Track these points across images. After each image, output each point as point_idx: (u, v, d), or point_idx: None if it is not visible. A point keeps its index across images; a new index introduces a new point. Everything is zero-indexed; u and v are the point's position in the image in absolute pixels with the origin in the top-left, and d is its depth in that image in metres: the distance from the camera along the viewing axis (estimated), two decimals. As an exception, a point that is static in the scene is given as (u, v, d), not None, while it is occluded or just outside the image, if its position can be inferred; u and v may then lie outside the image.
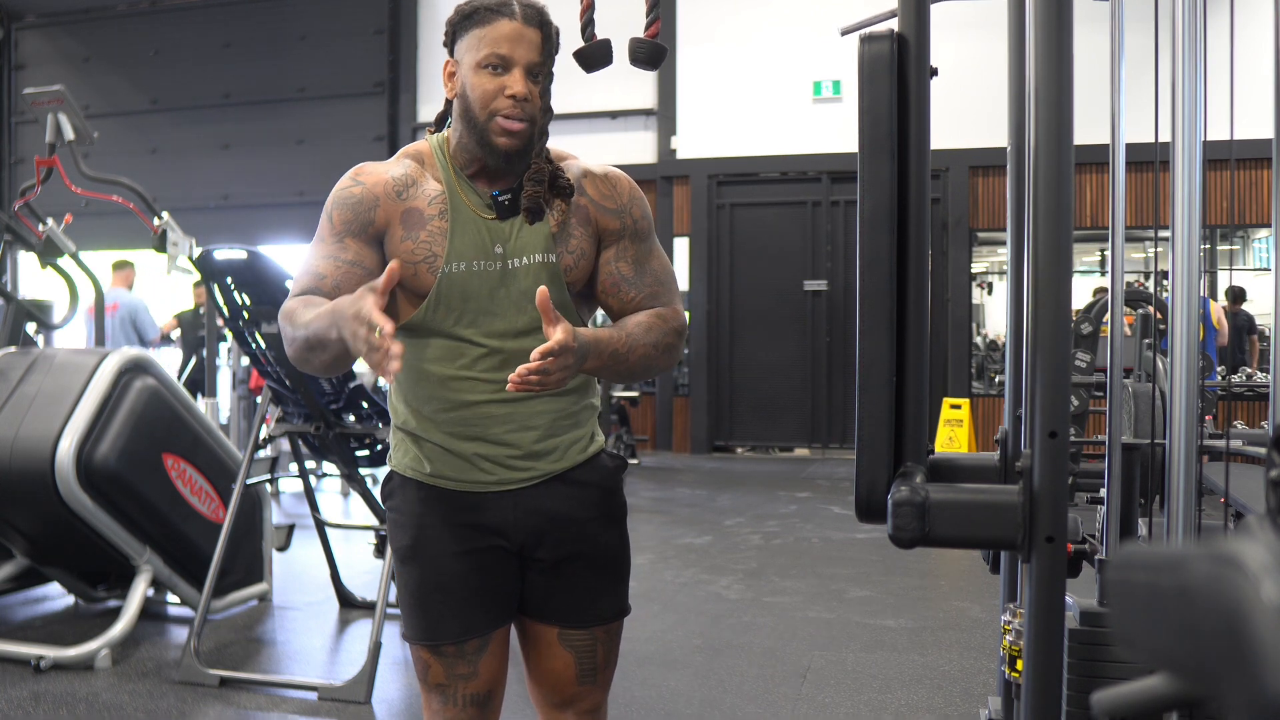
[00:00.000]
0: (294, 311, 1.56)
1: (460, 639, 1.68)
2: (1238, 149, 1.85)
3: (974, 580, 4.80)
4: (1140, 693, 0.67)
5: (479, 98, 1.57)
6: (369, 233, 1.62)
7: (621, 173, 1.73)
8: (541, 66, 1.59)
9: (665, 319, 1.67)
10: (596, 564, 1.73)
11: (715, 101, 10.33)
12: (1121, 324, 1.60)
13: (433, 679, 1.71)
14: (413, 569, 1.69)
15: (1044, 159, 1.29)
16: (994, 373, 10.52)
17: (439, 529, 1.68)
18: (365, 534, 4.97)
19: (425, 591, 1.68)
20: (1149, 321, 4.95)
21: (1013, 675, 1.81)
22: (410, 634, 1.72)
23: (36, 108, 4.69)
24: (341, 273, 1.60)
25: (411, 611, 1.71)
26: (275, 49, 11.62)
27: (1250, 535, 0.55)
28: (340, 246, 1.62)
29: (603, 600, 1.74)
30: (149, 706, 3.20)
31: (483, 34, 1.56)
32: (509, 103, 1.56)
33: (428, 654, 1.70)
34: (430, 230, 1.61)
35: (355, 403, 3.90)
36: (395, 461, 1.74)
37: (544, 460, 1.68)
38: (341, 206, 1.63)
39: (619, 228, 1.69)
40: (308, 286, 1.61)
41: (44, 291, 5.90)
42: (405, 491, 1.71)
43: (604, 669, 1.78)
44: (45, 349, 4.30)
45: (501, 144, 1.58)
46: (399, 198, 1.63)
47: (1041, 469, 1.27)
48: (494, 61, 1.56)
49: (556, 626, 1.73)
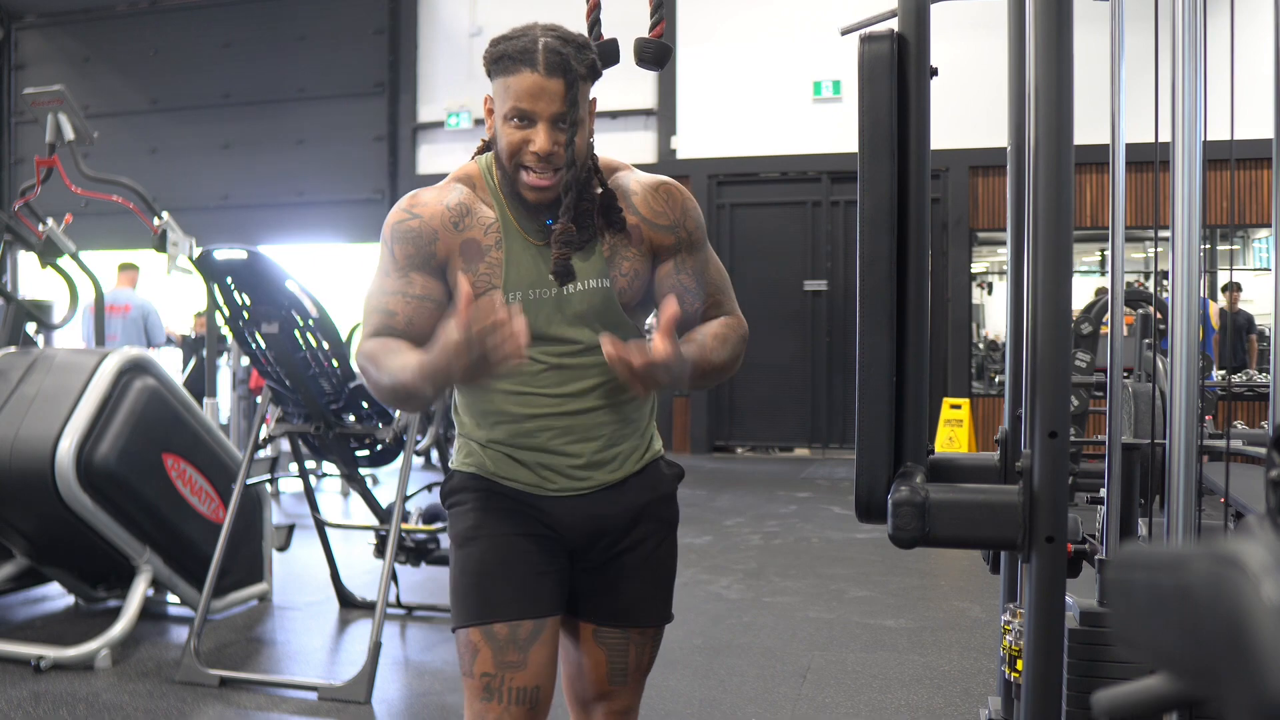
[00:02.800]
0: (375, 356, 1.58)
1: (514, 618, 1.64)
2: (1238, 149, 1.85)
3: (974, 580, 4.80)
4: (1140, 693, 0.67)
5: (505, 148, 1.58)
6: (432, 265, 1.63)
7: (673, 182, 1.73)
8: (567, 115, 1.56)
9: (734, 328, 1.71)
10: (642, 570, 1.75)
11: (715, 101, 10.33)
12: (1121, 324, 1.60)
13: (479, 669, 1.64)
14: (473, 549, 1.68)
15: (1044, 159, 1.29)
16: (994, 373, 10.51)
17: (502, 514, 1.69)
18: (365, 534, 4.97)
19: (485, 568, 1.66)
20: (1149, 321, 4.95)
21: (1013, 675, 1.81)
22: (462, 618, 1.67)
23: (36, 108, 4.69)
24: (412, 309, 1.62)
25: (467, 593, 1.67)
26: (275, 49, 11.61)
27: (1250, 535, 0.55)
28: (406, 281, 1.63)
29: (641, 605, 1.75)
30: (149, 706, 3.20)
31: (507, 84, 1.56)
32: (533, 158, 1.56)
33: (479, 636, 1.64)
34: (489, 262, 1.62)
35: (355, 403, 3.90)
36: (458, 463, 1.77)
37: (603, 470, 1.70)
38: (402, 241, 1.63)
39: (674, 243, 1.70)
40: (380, 326, 1.62)
41: (44, 291, 5.89)
42: (468, 482, 1.73)
43: (635, 671, 1.78)
44: (45, 349, 4.30)
45: (530, 197, 1.59)
46: (456, 228, 1.63)
47: (1041, 469, 1.27)
48: (518, 114, 1.55)
49: (593, 624, 1.75)
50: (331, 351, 3.77)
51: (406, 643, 3.98)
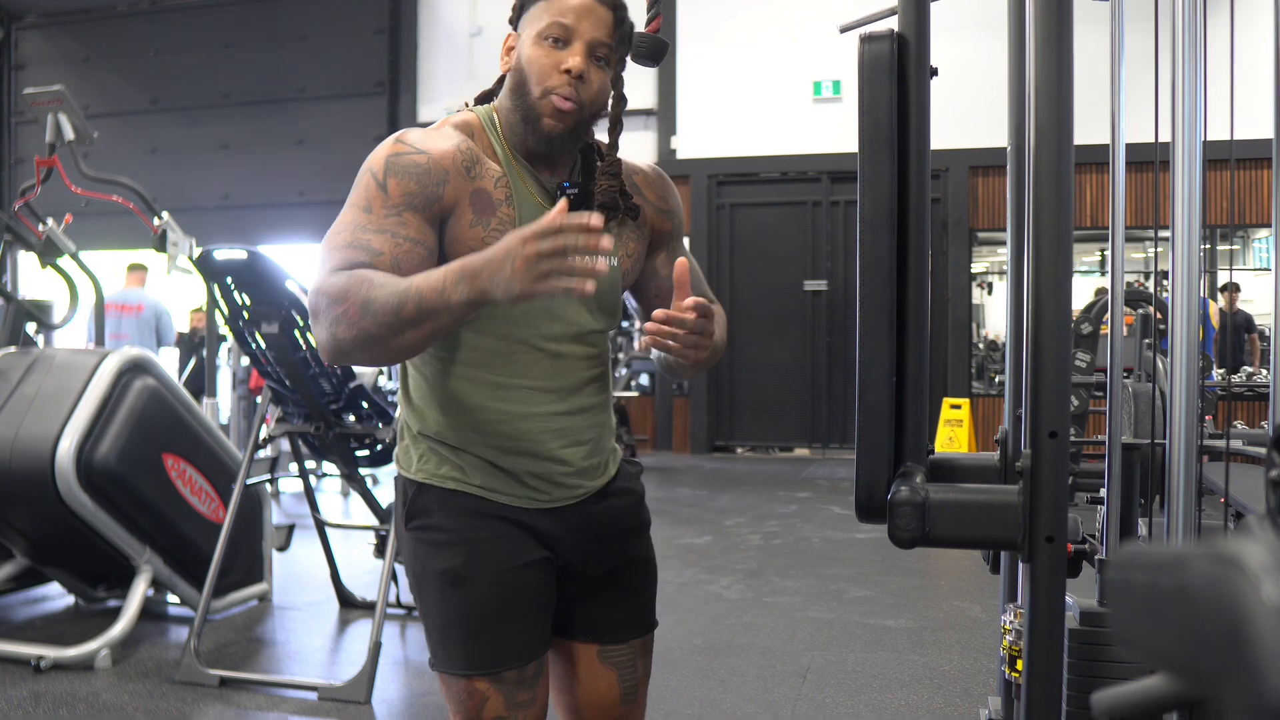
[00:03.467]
0: (356, 284, 1.32)
1: (523, 662, 1.50)
2: (1238, 149, 1.85)
3: (974, 580, 4.80)
4: (1140, 693, 0.67)
5: (535, 71, 1.44)
6: (433, 209, 1.42)
7: (661, 170, 1.68)
8: (608, 48, 1.46)
9: (720, 311, 1.63)
10: (637, 575, 1.65)
11: (715, 101, 10.33)
12: (1121, 324, 1.60)
13: (489, 715, 1.49)
14: (466, 591, 1.48)
15: (1044, 159, 1.29)
16: (994, 373, 10.51)
17: (494, 542, 1.49)
18: (365, 534, 4.97)
19: (484, 613, 1.48)
20: (1149, 321, 4.95)
21: (1013, 675, 1.81)
22: (463, 665, 1.49)
23: (36, 108, 4.69)
24: (402, 251, 1.38)
25: (464, 639, 1.49)
26: (275, 49, 11.62)
27: (1250, 535, 0.55)
28: (399, 221, 1.39)
29: (640, 612, 1.66)
30: (149, 706, 3.20)
31: (550, 3, 1.44)
32: (564, 79, 1.43)
33: (486, 685, 1.48)
34: (500, 218, 1.45)
35: (355, 403, 3.90)
36: (424, 474, 1.53)
37: (589, 477, 1.57)
38: (402, 175, 1.41)
39: (670, 229, 1.65)
40: (358, 261, 1.36)
41: (44, 291, 5.89)
42: (447, 505, 1.51)
43: (643, 685, 1.68)
44: (45, 349, 4.30)
45: (547, 125, 1.44)
46: (468, 175, 1.44)
47: (1041, 469, 1.27)
48: (555, 33, 1.43)
49: (597, 644, 1.62)
50: (331, 351, 3.76)
51: (406, 643, 3.98)
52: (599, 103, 1.49)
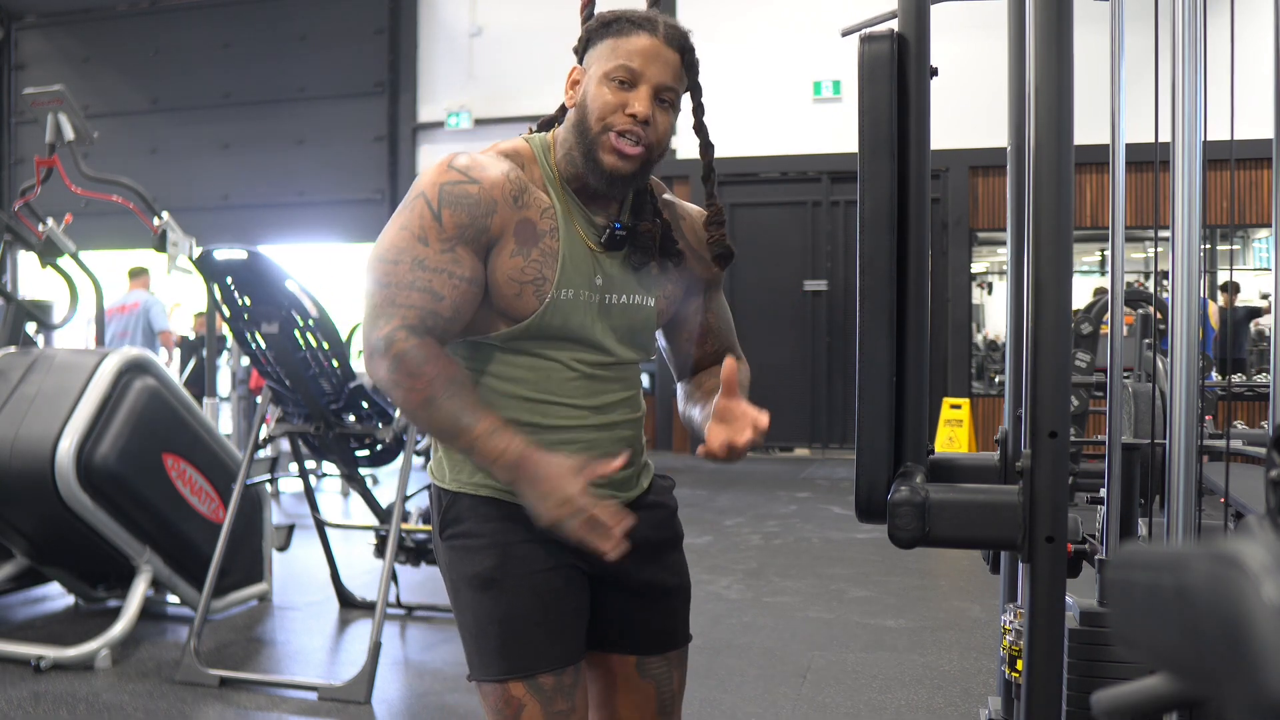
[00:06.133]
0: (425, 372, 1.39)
1: (560, 666, 1.49)
2: (1238, 149, 1.84)
3: (974, 580, 4.79)
4: (1140, 693, 0.67)
5: (598, 108, 1.44)
6: (481, 241, 1.44)
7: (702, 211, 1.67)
8: (674, 92, 1.48)
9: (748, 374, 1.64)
10: (672, 587, 1.65)
11: (715, 101, 10.21)
12: (1121, 324, 1.60)
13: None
14: (500, 593, 1.48)
15: (1044, 159, 1.29)
16: (994, 373, 10.51)
17: (526, 545, 1.49)
18: (365, 534, 4.97)
19: (519, 615, 1.48)
20: (1149, 321, 4.95)
21: (1013, 675, 1.81)
22: (498, 670, 1.48)
23: (36, 108, 4.69)
24: (460, 294, 1.42)
25: (500, 644, 1.48)
26: (275, 49, 11.62)
27: (1250, 535, 0.55)
28: (453, 258, 1.42)
29: (676, 623, 1.66)
30: (149, 706, 3.20)
31: (617, 44, 1.46)
32: (628, 121, 1.44)
33: (523, 690, 1.47)
34: (542, 249, 1.46)
35: (355, 403, 3.90)
36: (458, 482, 1.53)
37: (622, 488, 1.58)
38: (455, 206, 1.42)
39: (711, 277, 1.66)
40: (424, 313, 1.41)
41: (44, 291, 5.89)
42: (479, 510, 1.51)
43: (679, 697, 1.67)
44: (45, 349, 4.30)
45: (608, 163, 1.45)
46: (515, 204, 1.45)
47: (1041, 469, 1.27)
48: (622, 76, 1.44)
49: (634, 656, 1.62)
50: (331, 351, 3.77)
51: (406, 643, 3.98)
52: (663, 145, 1.51)
